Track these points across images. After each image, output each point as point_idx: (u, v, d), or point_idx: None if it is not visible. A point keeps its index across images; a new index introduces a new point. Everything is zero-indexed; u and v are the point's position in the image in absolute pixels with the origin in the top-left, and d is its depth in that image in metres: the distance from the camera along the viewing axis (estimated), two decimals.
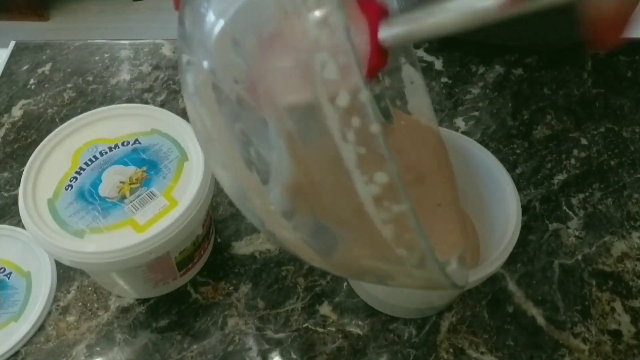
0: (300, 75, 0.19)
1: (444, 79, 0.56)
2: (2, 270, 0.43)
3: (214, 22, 0.21)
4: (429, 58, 0.58)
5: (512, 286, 0.42)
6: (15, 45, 0.61)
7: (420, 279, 0.22)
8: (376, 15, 0.22)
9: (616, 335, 0.40)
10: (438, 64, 0.57)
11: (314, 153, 0.20)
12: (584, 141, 0.51)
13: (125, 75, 0.58)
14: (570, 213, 0.46)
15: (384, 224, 0.20)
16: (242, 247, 0.45)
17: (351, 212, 0.21)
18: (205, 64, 0.22)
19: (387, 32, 0.22)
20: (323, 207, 0.21)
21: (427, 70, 0.57)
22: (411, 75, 0.33)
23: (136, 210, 0.36)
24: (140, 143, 0.39)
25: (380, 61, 0.22)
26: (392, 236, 0.20)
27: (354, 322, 0.41)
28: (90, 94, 0.56)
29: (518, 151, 0.50)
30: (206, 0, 0.22)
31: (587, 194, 0.47)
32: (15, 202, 0.47)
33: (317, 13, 0.18)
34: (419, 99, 0.34)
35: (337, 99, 0.18)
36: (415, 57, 0.33)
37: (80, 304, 0.42)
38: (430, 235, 0.20)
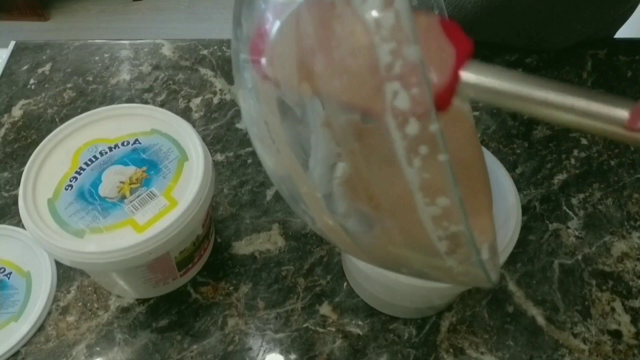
0: (368, 89, 0.19)
1: None
2: (2, 270, 0.43)
3: (272, 22, 0.21)
4: None
5: (512, 286, 0.42)
6: (15, 45, 0.61)
7: (458, 275, 0.23)
8: (464, 53, 0.21)
9: (616, 335, 0.40)
10: None
11: (375, 168, 0.20)
12: (584, 141, 0.51)
13: (125, 75, 0.58)
14: (570, 213, 0.46)
15: (439, 240, 0.20)
16: (242, 247, 0.45)
17: (408, 222, 0.21)
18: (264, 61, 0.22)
19: (471, 78, 0.20)
20: (377, 206, 0.22)
21: None
22: None
23: (136, 210, 0.36)
24: (140, 143, 0.39)
25: (448, 101, 0.21)
26: (445, 249, 0.21)
27: (354, 322, 0.41)
28: (90, 94, 0.56)
29: (518, 151, 0.50)
30: (263, 2, 0.22)
31: (587, 194, 0.47)
32: (15, 202, 0.47)
33: (392, 45, 0.17)
34: None
35: (407, 127, 0.18)
36: None
37: (80, 304, 0.42)
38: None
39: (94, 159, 0.38)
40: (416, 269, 0.25)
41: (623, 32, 0.60)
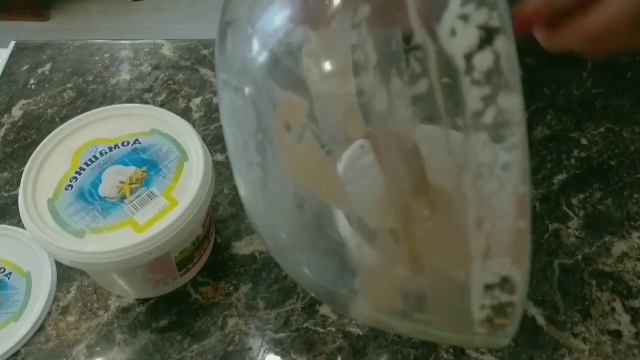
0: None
1: (444, 79, 0.56)
2: (2, 270, 0.43)
3: (258, 52, 0.20)
4: None
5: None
6: (15, 45, 0.61)
7: (476, 342, 0.22)
8: None
9: (616, 335, 0.40)
10: None
11: (437, 231, 0.19)
12: (584, 141, 0.51)
13: (125, 75, 0.58)
14: (570, 213, 0.46)
15: (480, 309, 0.19)
16: (242, 247, 0.45)
17: (448, 289, 0.20)
18: (247, 90, 0.21)
19: None
20: (420, 268, 0.20)
21: None
22: None
23: (136, 210, 0.36)
24: (140, 143, 0.39)
25: None
26: (481, 318, 0.20)
27: (354, 322, 0.41)
28: (90, 94, 0.56)
29: None
30: (250, 26, 0.21)
31: (587, 194, 0.47)
32: (15, 202, 0.47)
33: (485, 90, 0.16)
34: None
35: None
36: None
37: (80, 304, 0.42)
38: None
39: (94, 159, 0.38)
40: (424, 332, 0.24)
41: None
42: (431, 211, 0.19)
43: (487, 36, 0.15)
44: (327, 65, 0.19)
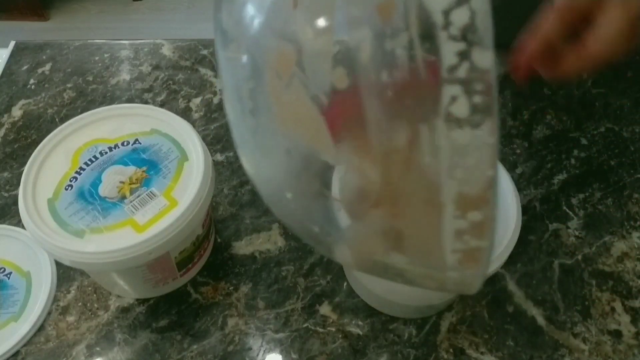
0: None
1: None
2: (2, 270, 0.43)
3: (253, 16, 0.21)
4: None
5: (512, 286, 0.42)
6: (15, 45, 0.61)
7: (449, 285, 0.23)
8: None
9: (616, 335, 0.40)
10: None
11: (409, 176, 0.20)
12: (584, 141, 0.51)
13: (125, 75, 0.58)
14: (570, 213, 0.46)
15: (452, 253, 0.20)
16: (242, 247, 0.45)
17: (424, 233, 0.21)
18: (244, 58, 0.22)
19: None
20: (397, 215, 0.21)
21: None
22: None
23: (136, 210, 0.36)
24: (140, 143, 0.39)
25: None
26: (452, 263, 0.21)
27: (354, 322, 0.41)
28: (90, 94, 0.56)
29: (518, 151, 0.50)
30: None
31: (587, 194, 0.47)
32: (15, 202, 0.47)
33: (460, 45, 0.17)
34: None
35: (457, 135, 0.17)
36: None
37: (80, 304, 0.42)
38: None
39: (94, 159, 0.38)
40: (406, 277, 0.25)
41: None
42: (408, 161, 0.19)
43: None
44: (315, 17, 0.20)
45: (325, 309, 0.41)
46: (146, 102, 0.55)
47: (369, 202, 0.21)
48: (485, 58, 0.16)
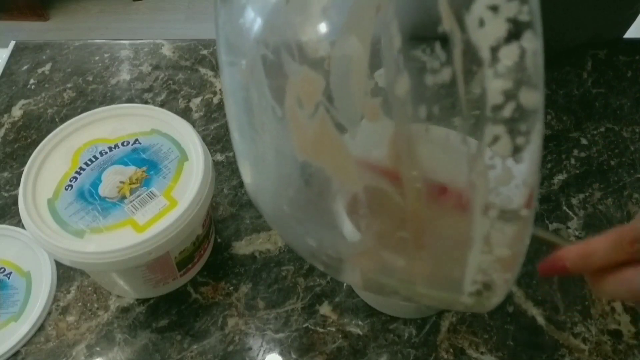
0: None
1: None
2: (2, 270, 0.43)
3: (253, 19, 0.20)
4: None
5: (512, 286, 0.42)
6: (15, 45, 0.61)
7: (460, 307, 0.23)
8: None
9: (616, 335, 0.40)
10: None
11: (439, 209, 0.19)
12: (584, 141, 0.51)
13: (125, 75, 0.58)
14: (570, 213, 0.46)
15: (472, 284, 0.20)
16: (242, 247, 0.45)
17: (446, 264, 0.21)
18: (244, 63, 0.21)
19: None
20: (421, 246, 0.21)
21: None
22: None
23: (136, 210, 0.36)
24: (140, 143, 0.39)
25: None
26: (470, 291, 0.20)
27: (354, 322, 0.41)
28: (90, 94, 0.56)
29: None
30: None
31: (587, 194, 0.47)
32: (15, 202, 0.47)
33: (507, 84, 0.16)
34: None
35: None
36: None
37: (80, 304, 0.42)
38: None
39: (94, 159, 0.38)
40: (414, 299, 0.24)
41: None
42: (438, 196, 0.19)
43: (516, 30, 0.15)
44: (348, 44, 0.19)
45: (325, 309, 0.41)
46: (146, 102, 0.55)
47: (394, 225, 0.21)
48: (533, 98, 0.16)
